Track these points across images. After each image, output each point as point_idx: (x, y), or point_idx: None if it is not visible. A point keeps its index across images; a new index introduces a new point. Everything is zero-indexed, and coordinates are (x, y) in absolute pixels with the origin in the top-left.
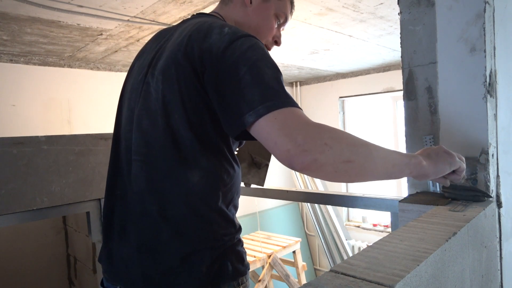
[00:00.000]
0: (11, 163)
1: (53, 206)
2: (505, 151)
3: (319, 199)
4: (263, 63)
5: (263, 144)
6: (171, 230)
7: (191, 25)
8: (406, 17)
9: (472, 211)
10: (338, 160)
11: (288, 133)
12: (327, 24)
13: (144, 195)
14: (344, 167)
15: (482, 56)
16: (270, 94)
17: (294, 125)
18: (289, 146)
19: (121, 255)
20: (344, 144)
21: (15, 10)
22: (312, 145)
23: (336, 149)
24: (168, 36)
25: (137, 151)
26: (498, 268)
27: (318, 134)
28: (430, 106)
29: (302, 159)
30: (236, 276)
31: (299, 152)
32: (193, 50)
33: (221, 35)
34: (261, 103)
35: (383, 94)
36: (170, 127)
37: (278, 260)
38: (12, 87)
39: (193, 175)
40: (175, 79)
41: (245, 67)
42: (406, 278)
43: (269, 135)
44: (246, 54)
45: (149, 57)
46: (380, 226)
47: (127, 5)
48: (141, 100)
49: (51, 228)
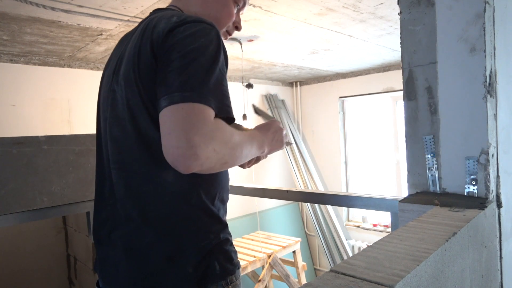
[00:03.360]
0: (11, 163)
1: (53, 206)
2: (505, 151)
3: (319, 199)
4: (199, 52)
5: (160, 130)
6: (153, 232)
7: (144, 24)
8: (406, 17)
9: (472, 211)
10: (218, 163)
11: (187, 129)
12: (327, 24)
13: (125, 201)
14: (220, 167)
15: (482, 56)
16: (190, 83)
17: (194, 123)
18: (180, 143)
19: (112, 259)
20: (227, 149)
21: (15, 10)
22: (204, 151)
23: (220, 155)
24: (128, 39)
25: (113, 159)
26: (498, 268)
27: (211, 139)
28: (430, 106)
29: (190, 163)
30: (224, 275)
31: (189, 155)
32: (146, 47)
33: (167, 24)
34: (179, 91)
35: (383, 94)
36: (138, 131)
37: (278, 260)
38: (12, 87)
39: (168, 175)
40: (134, 82)
41: (178, 53)
42: (406, 278)
43: (169, 122)
44: (184, 40)
45: (114, 65)
46: (380, 226)
47: (127, 5)
48: (109, 108)
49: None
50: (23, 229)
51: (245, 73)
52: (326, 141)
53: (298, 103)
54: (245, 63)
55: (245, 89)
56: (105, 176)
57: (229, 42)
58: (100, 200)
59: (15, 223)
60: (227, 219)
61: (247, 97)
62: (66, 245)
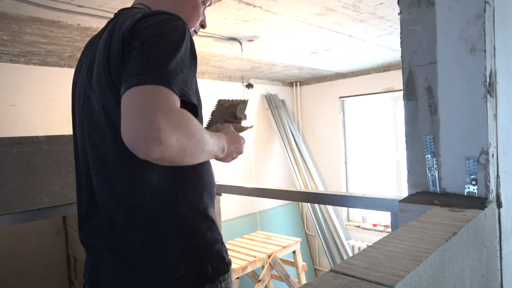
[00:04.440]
0: (11, 163)
1: (53, 206)
2: (505, 151)
3: (319, 199)
4: (159, 39)
5: (121, 114)
6: (141, 234)
7: (111, 25)
8: (406, 17)
9: (472, 211)
10: (178, 155)
11: (151, 111)
12: (327, 24)
13: (109, 207)
14: (177, 161)
15: (482, 56)
16: (148, 67)
17: (161, 106)
18: (142, 125)
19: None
20: (191, 143)
21: (15, 10)
22: (168, 137)
23: (182, 146)
24: (96, 42)
25: (93, 166)
26: (498, 268)
27: (177, 127)
28: (430, 106)
29: (151, 147)
30: (217, 276)
31: (151, 138)
32: (114, 48)
33: (132, 20)
34: (136, 75)
35: (383, 94)
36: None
37: (278, 260)
38: (12, 87)
39: (151, 175)
40: (107, 86)
41: (139, 41)
42: (406, 278)
43: (129, 105)
44: (146, 29)
45: (86, 70)
46: (380, 226)
47: (127, 5)
48: (86, 114)
49: (51, 228)
50: (23, 229)
51: (245, 73)
52: (326, 141)
53: (298, 103)
54: (245, 63)
55: (245, 89)
56: (84, 185)
57: (229, 42)
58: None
59: (15, 223)
60: (227, 219)
61: (247, 97)
62: (66, 245)
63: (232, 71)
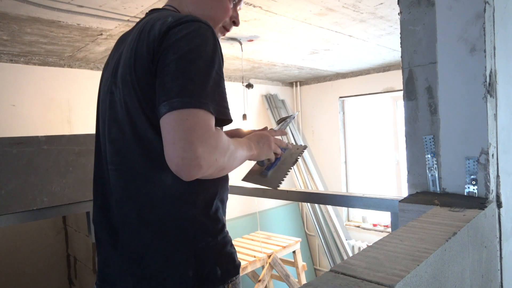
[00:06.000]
0: (11, 163)
1: (53, 206)
2: (505, 151)
3: (319, 199)
4: (195, 54)
5: (162, 137)
6: (151, 234)
7: (141, 25)
8: (406, 17)
9: (472, 211)
10: (216, 170)
11: (192, 140)
12: (327, 24)
13: (123, 202)
14: (217, 174)
15: (482, 56)
16: (190, 89)
17: (200, 134)
18: (186, 154)
19: (110, 261)
20: (226, 157)
21: (15, 10)
22: (207, 161)
23: (220, 163)
24: (125, 40)
25: (111, 160)
26: (498, 268)
27: (214, 149)
28: (430, 106)
29: (193, 172)
30: (226, 278)
31: (193, 165)
32: (143, 50)
33: (162, 25)
34: (178, 96)
35: (383, 94)
36: (137, 133)
37: (278, 260)
38: (12, 87)
39: (166, 177)
40: (131, 85)
41: (174, 55)
42: (406, 278)
43: (173, 132)
44: (179, 42)
45: (112, 66)
46: (380, 226)
47: (127, 5)
48: (108, 110)
49: (51, 228)
50: (23, 229)
51: (245, 73)
52: (326, 141)
53: (298, 103)
54: (245, 63)
55: (245, 89)
56: (103, 178)
57: (229, 42)
58: (98, 201)
59: (15, 223)
60: (227, 219)
61: (247, 97)
62: (66, 245)
63: (232, 71)
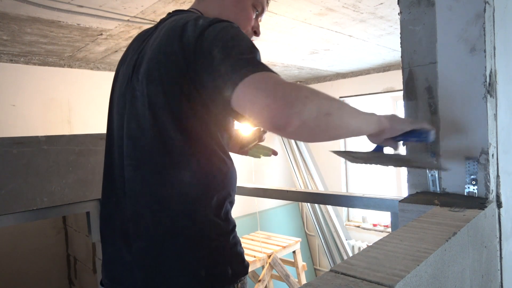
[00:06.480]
0: (11, 163)
1: (53, 206)
2: (505, 151)
3: (319, 199)
4: (234, 41)
5: (244, 112)
6: (164, 232)
7: (168, 24)
8: (406, 17)
9: (472, 211)
10: (319, 113)
11: (266, 89)
12: (327, 24)
13: (138, 199)
14: (325, 120)
15: (482, 56)
16: (241, 63)
17: (271, 83)
18: (268, 100)
19: (120, 259)
20: (321, 97)
21: (15, 10)
22: (294, 98)
23: (316, 101)
24: (148, 37)
25: (128, 155)
26: (498, 268)
27: (298, 88)
28: (430, 106)
29: (286, 112)
30: (236, 278)
31: (281, 106)
32: (173, 48)
33: (195, 26)
34: (234, 73)
35: (383, 94)
36: (158, 130)
37: (278, 260)
38: (12, 87)
39: (184, 175)
40: (158, 81)
41: (217, 48)
42: (406, 278)
43: (246, 96)
44: (217, 36)
45: (132, 61)
46: (380, 226)
47: (127, 5)
48: (128, 105)
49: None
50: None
51: None
52: None
53: None
54: None
55: None
56: (116, 173)
57: None
58: (107, 197)
59: (15, 223)
60: None
61: None
62: (66, 245)
63: None
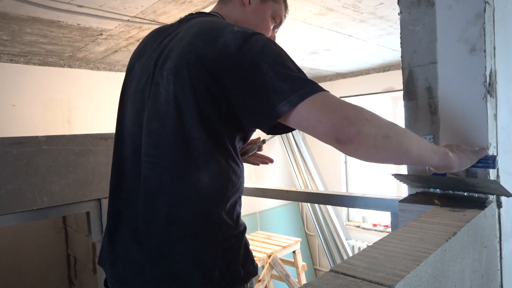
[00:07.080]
0: (11, 163)
1: (53, 206)
2: (505, 151)
3: (319, 199)
4: (282, 58)
5: (303, 129)
6: (180, 232)
7: (197, 25)
8: (406, 17)
9: (472, 211)
10: (378, 134)
11: (332, 110)
12: (327, 24)
13: (155, 197)
14: (383, 141)
15: (482, 56)
16: (299, 84)
17: (335, 104)
18: (334, 120)
19: (129, 258)
20: (382, 121)
21: (15, 10)
22: (356, 118)
23: (376, 123)
24: (170, 34)
25: (147, 153)
26: (498, 268)
27: (359, 110)
28: (430, 106)
29: (348, 130)
30: (247, 278)
31: (345, 124)
32: (206, 51)
33: (233, 34)
34: (293, 93)
35: (383, 94)
36: (181, 128)
37: (278, 260)
38: (12, 87)
39: (204, 176)
40: (188, 80)
41: (266, 64)
42: (406, 278)
43: (311, 116)
44: (263, 51)
45: (153, 57)
46: (380, 226)
47: (127, 5)
48: (150, 101)
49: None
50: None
51: None
52: None
53: None
54: None
55: None
56: (128, 170)
57: None
58: (116, 193)
59: (15, 223)
60: None
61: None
62: (66, 245)
63: None
